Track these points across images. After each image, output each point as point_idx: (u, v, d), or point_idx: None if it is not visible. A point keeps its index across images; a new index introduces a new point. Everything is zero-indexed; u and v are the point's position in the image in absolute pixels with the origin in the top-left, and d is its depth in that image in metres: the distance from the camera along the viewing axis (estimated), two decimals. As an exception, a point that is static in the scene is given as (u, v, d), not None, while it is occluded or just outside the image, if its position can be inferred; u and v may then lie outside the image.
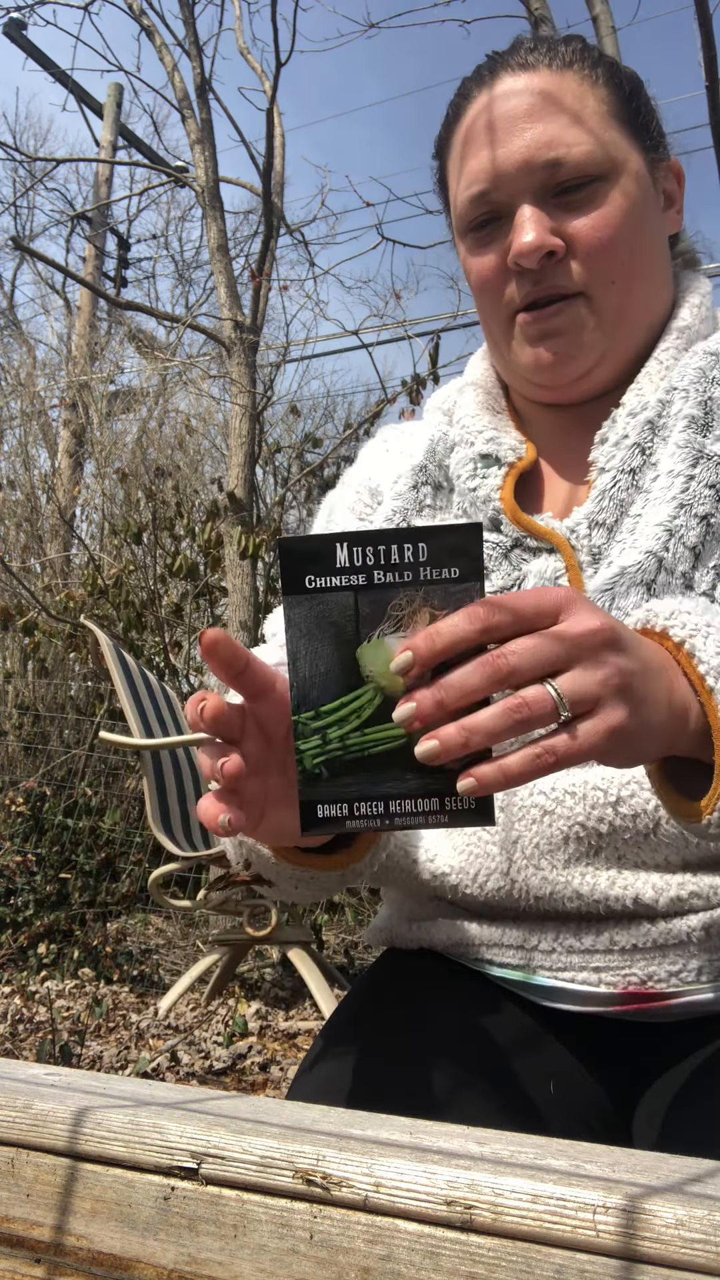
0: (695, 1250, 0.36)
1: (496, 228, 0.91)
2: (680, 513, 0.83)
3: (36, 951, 3.99)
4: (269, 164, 4.95)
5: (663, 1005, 0.77)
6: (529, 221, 0.87)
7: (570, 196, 0.87)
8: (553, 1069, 0.80)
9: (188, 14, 5.03)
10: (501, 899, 0.82)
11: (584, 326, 0.89)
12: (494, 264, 0.91)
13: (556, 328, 0.89)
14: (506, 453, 0.94)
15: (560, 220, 0.88)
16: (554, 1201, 0.38)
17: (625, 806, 0.77)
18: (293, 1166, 0.43)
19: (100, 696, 5.57)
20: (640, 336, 0.92)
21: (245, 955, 3.63)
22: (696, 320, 0.93)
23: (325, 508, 1.09)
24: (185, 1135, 0.45)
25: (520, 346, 0.92)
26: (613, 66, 0.93)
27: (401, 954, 0.90)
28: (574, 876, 0.79)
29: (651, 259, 0.91)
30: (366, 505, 1.02)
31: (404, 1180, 0.41)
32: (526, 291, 0.89)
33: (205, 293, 11.52)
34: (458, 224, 0.95)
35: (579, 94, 0.89)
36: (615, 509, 0.87)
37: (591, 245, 0.87)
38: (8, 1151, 0.49)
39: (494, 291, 0.92)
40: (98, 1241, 0.46)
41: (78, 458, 8.04)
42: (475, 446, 0.96)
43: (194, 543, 5.75)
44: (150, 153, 9.56)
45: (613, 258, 0.88)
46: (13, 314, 11.87)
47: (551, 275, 0.88)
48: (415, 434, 1.04)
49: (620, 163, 0.89)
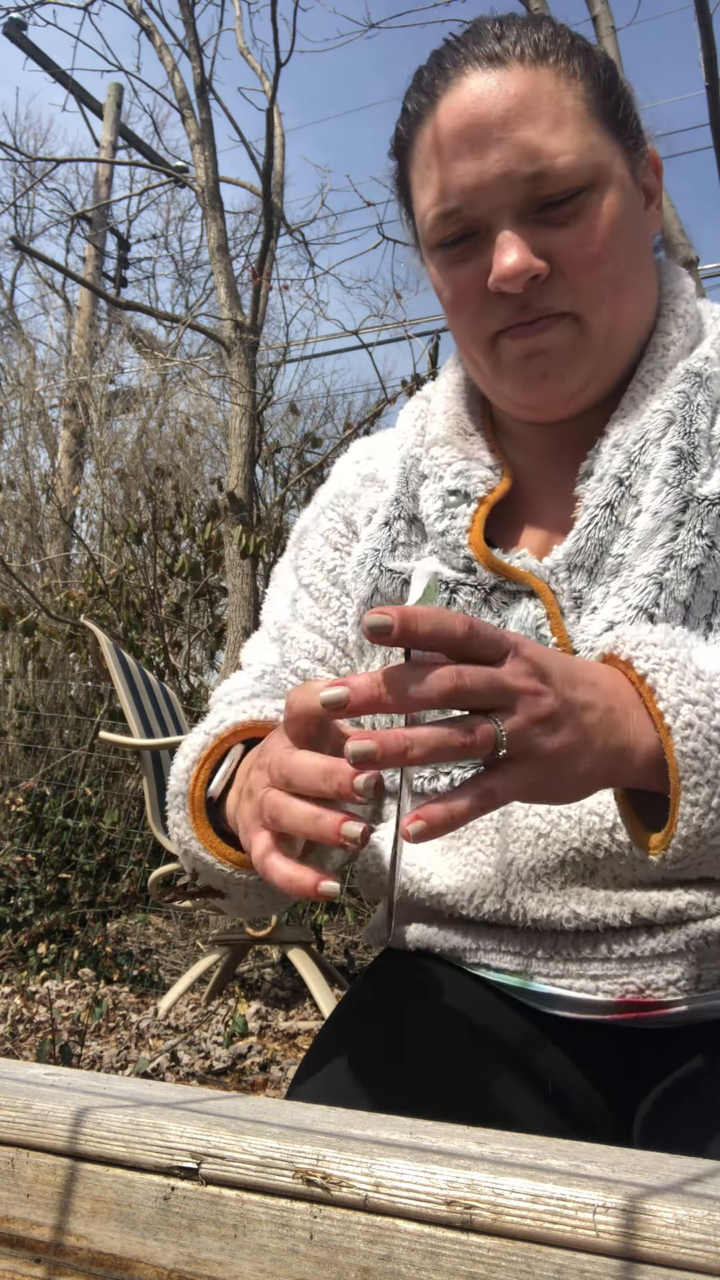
0: (695, 1250, 0.36)
1: (471, 244, 0.83)
2: (670, 564, 0.79)
3: (36, 951, 3.99)
4: (269, 164, 4.95)
5: (661, 1014, 0.77)
6: (510, 243, 0.79)
7: (553, 211, 0.80)
8: (551, 1071, 0.80)
9: (188, 14, 5.03)
10: (498, 919, 0.82)
11: (573, 346, 0.83)
12: (470, 284, 0.83)
13: (543, 345, 0.83)
14: (477, 486, 0.88)
15: (543, 237, 0.80)
16: (554, 1201, 0.38)
17: (621, 833, 0.76)
18: (293, 1166, 0.43)
19: (100, 696, 5.57)
20: (631, 351, 0.87)
21: (245, 955, 3.63)
22: (681, 331, 0.87)
23: (298, 530, 1.04)
24: (185, 1135, 0.45)
25: (504, 368, 0.85)
26: (588, 54, 0.84)
27: (399, 955, 0.90)
28: (570, 897, 0.78)
29: (639, 269, 0.85)
30: (343, 536, 0.98)
31: (404, 1180, 0.41)
32: (509, 316, 0.82)
33: (205, 293, 11.52)
34: (425, 238, 0.86)
35: (557, 92, 0.81)
36: (594, 549, 0.82)
37: (579, 264, 0.81)
38: (8, 1151, 0.49)
39: (470, 314, 0.85)
40: (98, 1241, 0.46)
41: (78, 458, 8.03)
42: (444, 481, 0.90)
43: (194, 543, 5.75)
44: (150, 153, 9.56)
45: (601, 276, 0.81)
46: (13, 314, 11.87)
47: (537, 298, 0.81)
48: (389, 453, 0.98)
49: (605, 168, 0.81)
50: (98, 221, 9.97)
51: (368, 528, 0.95)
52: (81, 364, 8.49)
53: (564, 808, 0.78)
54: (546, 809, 0.79)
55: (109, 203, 9.71)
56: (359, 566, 0.93)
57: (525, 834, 0.79)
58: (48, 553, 6.84)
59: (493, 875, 0.81)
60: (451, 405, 0.95)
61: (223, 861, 0.76)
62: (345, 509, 0.98)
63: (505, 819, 0.81)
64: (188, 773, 0.80)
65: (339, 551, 0.98)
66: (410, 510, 0.92)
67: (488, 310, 0.83)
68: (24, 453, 7.92)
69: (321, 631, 0.96)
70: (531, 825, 0.79)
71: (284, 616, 0.99)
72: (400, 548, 0.92)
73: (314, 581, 0.98)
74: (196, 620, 5.80)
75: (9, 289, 12.28)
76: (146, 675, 3.46)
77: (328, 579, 0.97)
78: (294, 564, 1.01)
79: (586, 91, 0.82)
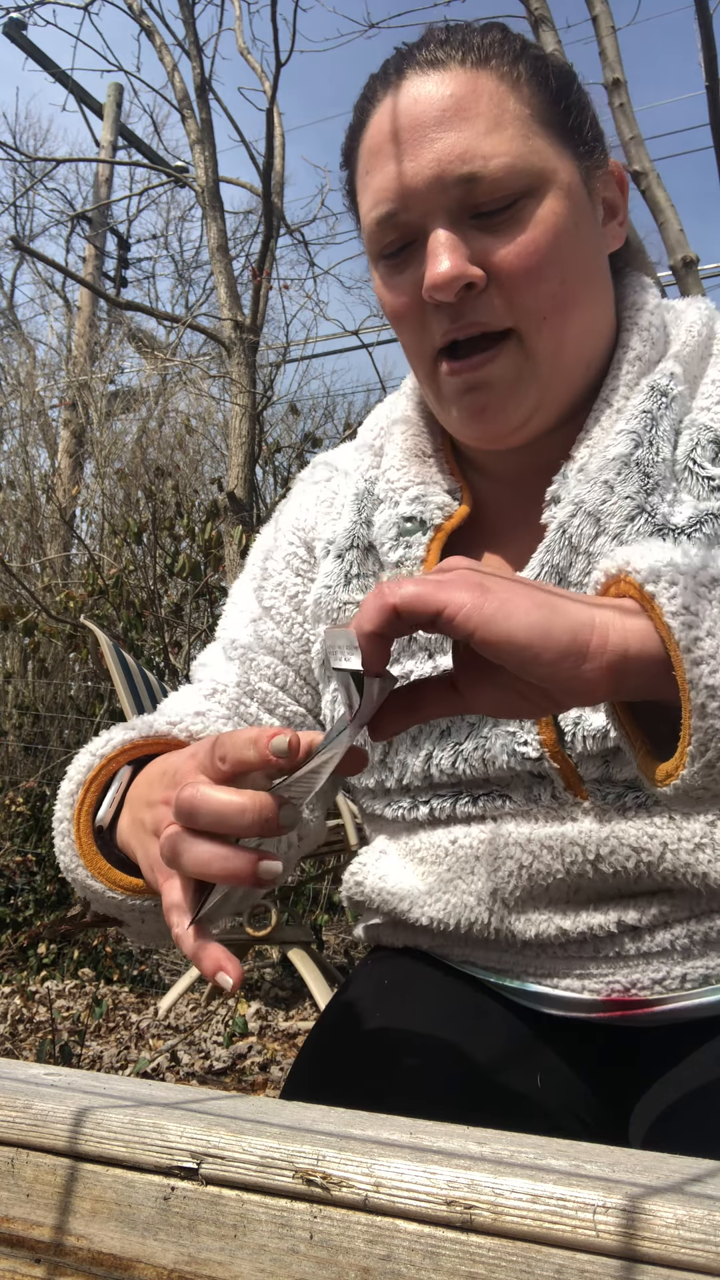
0: (695, 1250, 0.36)
1: (410, 253, 0.79)
2: None
3: (36, 951, 3.99)
4: (269, 164, 4.95)
5: (647, 1012, 0.77)
6: (442, 248, 0.75)
7: (490, 219, 0.76)
8: (544, 1068, 0.80)
9: (188, 14, 5.04)
10: (486, 940, 0.82)
11: (516, 375, 0.78)
12: (408, 294, 0.79)
13: (483, 379, 0.78)
14: (433, 513, 0.84)
15: (480, 245, 0.76)
16: (554, 1201, 0.38)
17: (605, 864, 0.75)
18: (293, 1166, 0.43)
19: (100, 696, 5.57)
20: (581, 373, 0.82)
21: (245, 955, 3.63)
22: (645, 344, 0.83)
23: (260, 551, 1.00)
24: (185, 1135, 0.45)
25: (445, 396, 0.82)
26: (538, 61, 0.80)
27: (388, 952, 0.90)
28: (556, 915, 0.78)
29: (589, 284, 0.80)
30: (304, 562, 0.95)
31: (404, 1180, 0.41)
32: (446, 329, 0.78)
33: (205, 293, 11.53)
34: (368, 247, 0.83)
35: (497, 95, 0.77)
36: (552, 576, 0.78)
37: (517, 275, 0.76)
38: (8, 1151, 0.49)
39: (412, 327, 0.81)
40: (98, 1241, 0.46)
41: (78, 458, 8.04)
42: (399, 508, 0.85)
43: (194, 543, 5.75)
44: (150, 153, 9.55)
45: (542, 290, 0.77)
46: (13, 314, 11.87)
47: (473, 310, 0.77)
48: (348, 473, 0.95)
49: (548, 174, 0.77)
50: (98, 221, 9.97)
51: (325, 560, 0.91)
52: (81, 364, 8.49)
53: (545, 836, 0.77)
54: (528, 838, 0.77)
55: (109, 203, 9.71)
56: (316, 606, 0.91)
57: (507, 864, 0.78)
58: (48, 553, 6.84)
59: (476, 906, 0.80)
60: (410, 426, 0.91)
61: (113, 889, 0.74)
62: (305, 535, 0.96)
63: (492, 848, 0.80)
64: (71, 796, 0.77)
65: (301, 577, 0.95)
66: (365, 538, 0.89)
67: (426, 324, 0.80)
68: (24, 453, 7.93)
69: (284, 657, 0.93)
70: (512, 855, 0.78)
71: (244, 636, 0.95)
72: (354, 580, 0.89)
73: (276, 605, 0.95)
74: (196, 620, 5.79)
75: (9, 289, 12.29)
76: (146, 675, 3.46)
77: (290, 604, 0.94)
78: (256, 585, 0.97)
79: (532, 96, 0.78)
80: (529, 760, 0.77)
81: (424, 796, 0.83)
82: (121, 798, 0.76)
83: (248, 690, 0.92)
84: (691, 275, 2.15)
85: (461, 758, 0.79)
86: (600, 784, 0.76)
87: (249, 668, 0.93)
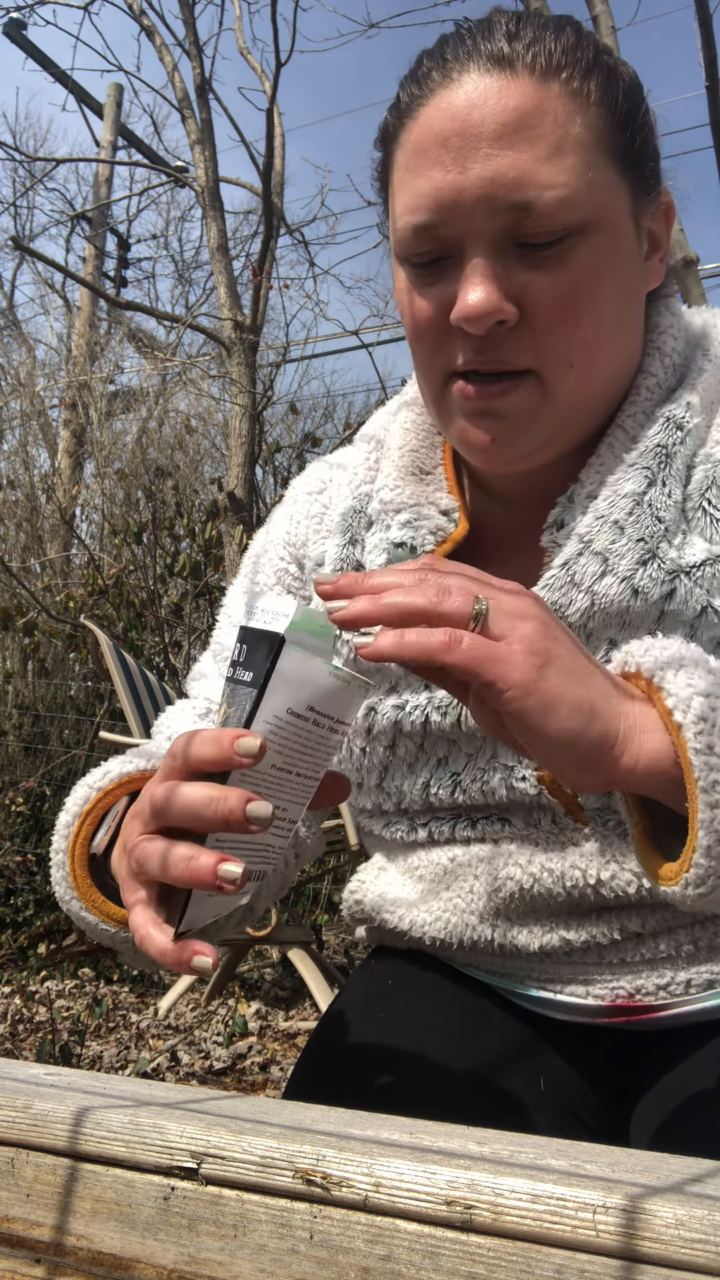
0: (695, 1250, 0.36)
1: (443, 269, 0.74)
2: None
3: (36, 951, 3.99)
4: (269, 164, 4.95)
5: (652, 1017, 0.77)
6: (480, 278, 0.71)
7: (534, 251, 0.71)
8: (546, 1070, 0.80)
9: (188, 14, 5.04)
10: (490, 956, 0.83)
11: (531, 411, 0.74)
12: (433, 311, 0.74)
13: (498, 409, 0.74)
14: (425, 538, 0.80)
15: (520, 279, 0.71)
16: (554, 1201, 0.38)
17: (606, 889, 0.75)
18: (293, 1166, 0.43)
19: (100, 696, 5.57)
20: (602, 407, 0.78)
21: (245, 955, 3.62)
22: (666, 371, 0.79)
23: (252, 558, 0.97)
24: (185, 1135, 0.45)
25: (454, 416, 0.77)
26: (609, 76, 0.73)
27: (391, 953, 0.90)
28: (559, 926, 0.78)
29: (621, 325, 0.75)
30: (296, 579, 0.92)
31: (404, 1180, 0.41)
32: (468, 358, 0.74)
33: (205, 293, 11.53)
34: (396, 248, 0.77)
35: (563, 116, 0.70)
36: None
37: (551, 318, 0.71)
38: (8, 1151, 0.49)
39: (430, 343, 0.76)
40: (98, 1241, 0.46)
41: (78, 458, 8.03)
42: (390, 532, 0.82)
43: (194, 543, 5.75)
44: (150, 153, 9.55)
45: (575, 336, 0.72)
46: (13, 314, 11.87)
47: (498, 345, 0.72)
48: (341, 485, 0.90)
49: (603, 212, 0.71)
50: (98, 221, 9.97)
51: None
52: (81, 364, 8.49)
53: (544, 860, 0.77)
54: (528, 860, 0.77)
55: (109, 203, 9.71)
56: None
57: (508, 885, 0.78)
58: (48, 553, 6.84)
59: (478, 924, 0.80)
60: (409, 438, 0.86)
61: (106, 921, 0.73)
62: (296, 551, 0.92)
63: (492, 869, 0.79)
64: (67, 828, 0.76)
65: (292, 594, 0.92)
66: (353, 558, 0.85)
67: (446, 344, 0.75)
68: (24, 453, 7.92)
69: None
70: (513, 877, 0.77)
71: None
72: None
73: None
74: (196, 620, 5.79)
75: (9, 289, 12.29)
76: (146, 675, 3.46)
77: None
78: (247, 596, 0.95)
79: (599, 120, 0.72)
80: (528, 795, 0.77)
81: (422, 819, 0.83)
82: (116, 829, 0.75)
83: None
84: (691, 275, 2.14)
85: (460, 788, 0.79)
86: (602, 812, 0.76)
87: None
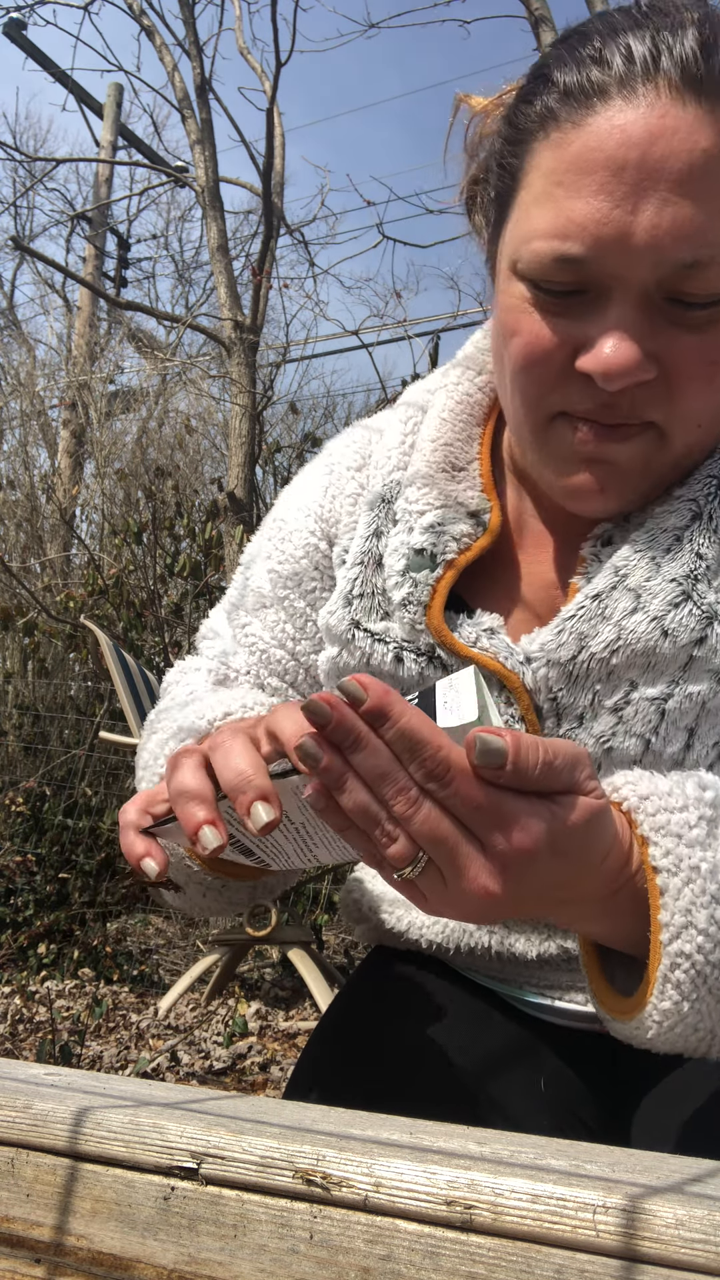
0: (695, 1250, 0.36)
1: (579, 303, 0.66)
2: (676, 690, 0.70)
3: (36, 951, 3.99)
4: (269, 164, 4.95)
5: None
6: (628, 334, 0.64)
7: (686, 310, 0.65)
8: (545, 1070, 0.80)
9: (188, 14, 5.04)
10: (488, 962, 0.83)
11: (645, 462, 0.70)
12: (554, 346, 0.67)
13: (610, 455, 0.69)
14: (447, 545, 0.75)
15: (665, 336, 0.65)
16: (554, 1201, 0.38)
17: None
18: (293, 1166, 0.43)
19: (100, 696, 5.57)
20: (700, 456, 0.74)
21: (245, 955, 3.62)
22: None
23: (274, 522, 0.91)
24: (185, 1135, 0.45)
25: (558, 459, 0.71)
26: None
27: (391, 953, 0.90)
28: (558, 936, 0.79)
29: None
30: (325, 556, 0.87)
31: (404, 1180, 0.41)
32: (588, 409, 0.68)
33: (205, 293, 11.54)
34: (520, 266, 0.68)
35: None
36: (575, 643, 0.71)
37: (692, 382, 0.66)
38: (8, 1151, 0.49)
39: (542, 379, 0.69)
40: (98, 1241, 0.46)
41: (78, 458, 8.04)
42: (412, 535, 0.76)
43: (194, 543, 5.76)
44: (150, 153, 9.55)
45: (710, 400, 0.68)
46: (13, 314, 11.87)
47: (629, 404, 0.67)
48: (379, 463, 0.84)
49: None
50: (98, 221, 9.97)
51: (341, 569, 0.84)
52: (81, 364, 8.49)
53: None
54: None
55: (109, 203, 9.71)
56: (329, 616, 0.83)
57: None
58: (48, 553, 6.84)
59: (475, 930, 0.81)
60: (443, 431, 0.80)
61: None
62: (328, 529, 0.87)
63: None
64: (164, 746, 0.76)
65: (320, 572, 0.87)
66: (375, 552, 0.81)
67: (563, 386, 0.68)
68: (24, 453, 7.93)
69: (294, 655, 0.88)
70: None
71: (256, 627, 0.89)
72: (357, 601, 0.80)
73: (289, 597, 0.87)
74: (196, 620, 5.79)
75: (9, 289, 12.30)
76: (146, 675, 3.46)
77: (304, 599, 0.87)
78: (272, 562, 0.89)
79: None
80: None
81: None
82: None
83: (254, 677, 0.88)
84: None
85: None
86: None
87: (257, 659, 0.88)
